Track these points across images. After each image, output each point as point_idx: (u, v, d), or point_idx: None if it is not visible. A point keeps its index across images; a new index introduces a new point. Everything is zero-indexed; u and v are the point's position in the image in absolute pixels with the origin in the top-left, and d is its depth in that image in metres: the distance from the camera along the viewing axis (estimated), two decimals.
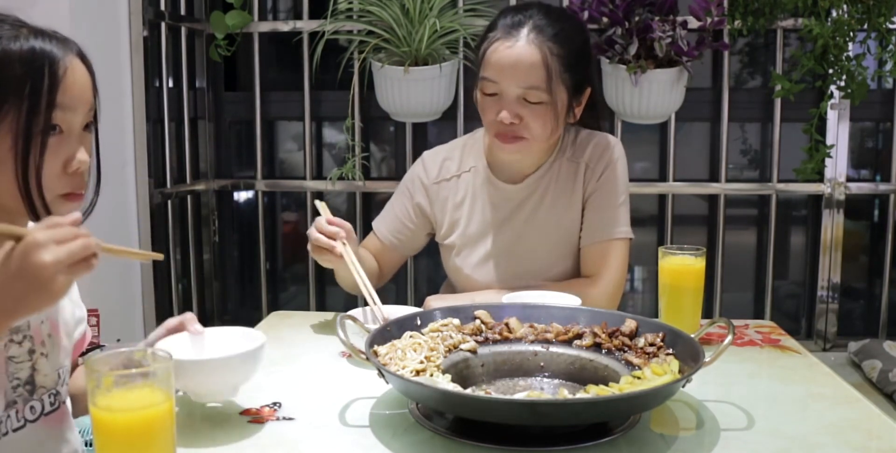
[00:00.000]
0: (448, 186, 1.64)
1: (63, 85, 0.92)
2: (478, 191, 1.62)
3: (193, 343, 1.09)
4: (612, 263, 1.56)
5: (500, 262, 1.62)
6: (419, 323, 1.21)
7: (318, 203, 1.51)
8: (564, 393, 1.07)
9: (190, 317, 1.10)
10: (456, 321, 1.23)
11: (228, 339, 1.11)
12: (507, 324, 1.24)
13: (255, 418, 1.08)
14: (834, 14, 2.20)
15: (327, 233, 1.43)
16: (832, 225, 2.46)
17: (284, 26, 2.51)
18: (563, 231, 1.60)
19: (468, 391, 1.09)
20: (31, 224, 1.06)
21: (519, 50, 1.43)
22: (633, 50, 2.18)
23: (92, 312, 1.77)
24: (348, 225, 1.45)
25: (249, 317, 2.65)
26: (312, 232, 1.44)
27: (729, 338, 1.05)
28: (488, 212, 1.61)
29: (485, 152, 1.64)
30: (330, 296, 2.72)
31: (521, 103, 1.45)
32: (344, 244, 1.43)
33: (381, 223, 1.70)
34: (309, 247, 1.46)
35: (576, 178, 1.58)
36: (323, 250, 1.43)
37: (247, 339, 1.09)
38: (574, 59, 1.47)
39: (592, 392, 1.06)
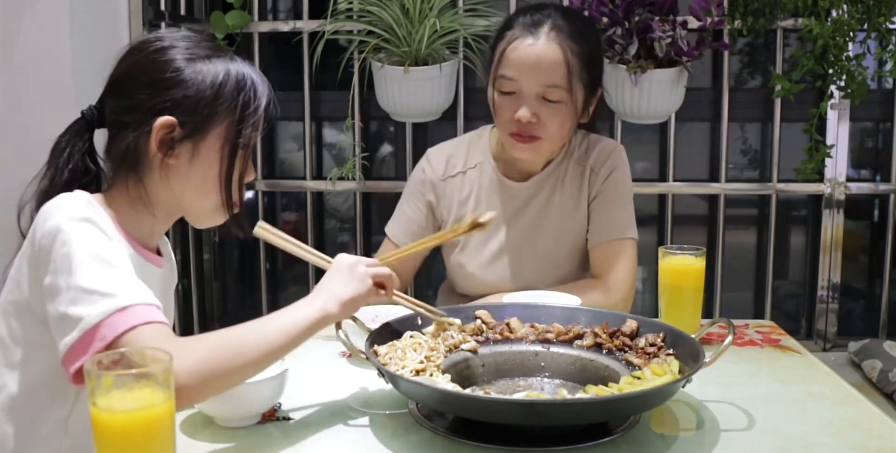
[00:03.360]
0: (454, 182, 1.64)
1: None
2: (484, 188, 1.62)
3: None
4: (623, 265, 1.55)
5: (505, 261, 1.62)
6: (419, 323, 1.21)
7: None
8: (564, 394, 1.08)
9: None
10: (457, 321, 1.23)
11: None
12: (507, 324, 1.25)
13: None
14: (834, 14, 2.20)
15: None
16: (832, 225, 2.46)
17: (284, 26, 2.51)
18: (569, 231, 1.61)
19: (468, 391, 1.09)
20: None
21: (540, 48, 1.44)
22: (633, 50, 2.17)
23: None
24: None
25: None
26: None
27: (729, 338, 1.05)
28: (495, 209, 1.59)
29: (492, 150, 1.64)
30: None
31: (539, 102, 1.46)
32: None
33: (396, 229, 1.67)
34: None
35: (581, 181, 1.59)
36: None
37: None
38: (591, 58, 1.49)
39: (592, 392, 1.06)
